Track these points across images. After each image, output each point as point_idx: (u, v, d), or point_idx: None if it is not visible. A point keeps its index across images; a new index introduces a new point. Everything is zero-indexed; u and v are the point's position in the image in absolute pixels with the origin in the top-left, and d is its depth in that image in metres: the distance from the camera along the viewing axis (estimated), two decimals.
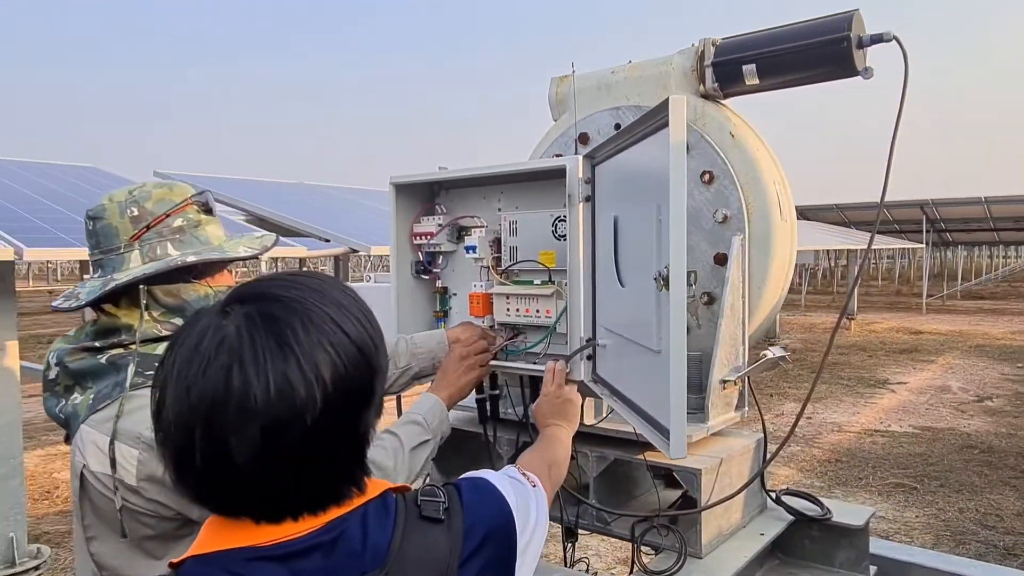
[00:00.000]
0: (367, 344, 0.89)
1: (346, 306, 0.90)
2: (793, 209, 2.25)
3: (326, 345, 0.84)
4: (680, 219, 1.05)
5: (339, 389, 0.84)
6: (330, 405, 0.83)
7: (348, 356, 0.85)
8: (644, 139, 1.27)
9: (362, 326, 0.90)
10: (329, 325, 0.85)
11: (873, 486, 6.30)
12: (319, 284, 0.91)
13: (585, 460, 2.05)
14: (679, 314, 1.07)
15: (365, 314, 0.93)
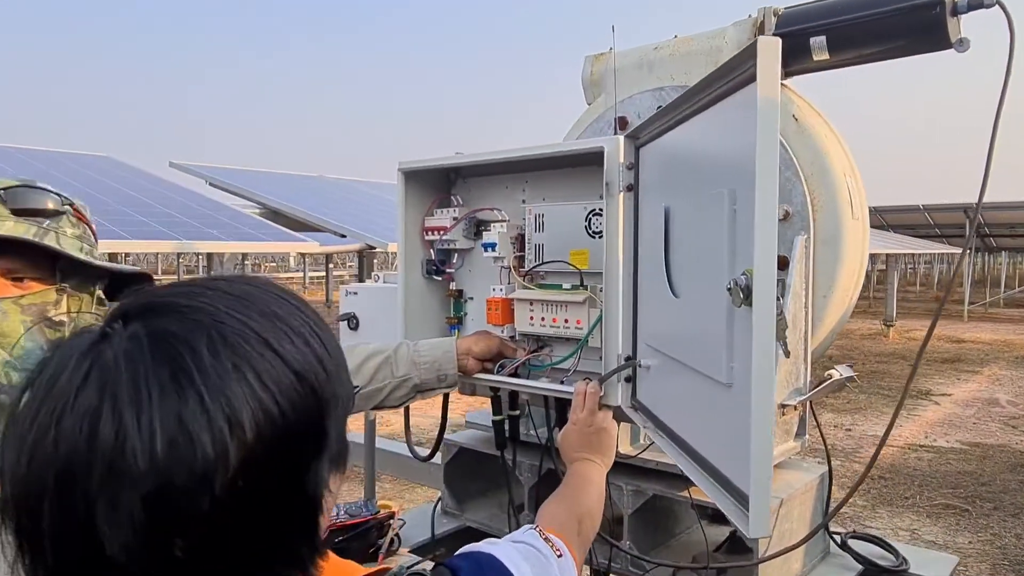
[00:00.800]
0: (312, 369, 0.63)
1: (282, 317, 0.64)
2: (866, 206, 1.94)
3: (247, 374, 0.58)
4: (770, 207, 0.77)
5: (268, 437, 0.58)
6: (253, 461, 0.57)
7: (282, 388, 0.60)
8: (712, 105, 0.98)
9: (306, 345, 0.64)
10: (253, 345, 0.60)
11: (920, 506, 5.92)
12: (244, 288, 0.65)
13: (619, 494, 1.77)
14: (766, 339, 0.78)
15: (313, 328, 0.67)
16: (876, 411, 9.07)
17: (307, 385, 0.62)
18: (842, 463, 6.95)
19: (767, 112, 0.77)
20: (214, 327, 0.59)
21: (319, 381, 0.63)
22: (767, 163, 0.77)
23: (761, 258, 0.78)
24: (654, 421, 1.31)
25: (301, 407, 0.61)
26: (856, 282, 1.90)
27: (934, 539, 5.24)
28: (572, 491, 1.26)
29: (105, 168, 4.72)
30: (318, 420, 0.63)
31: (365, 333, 2.16)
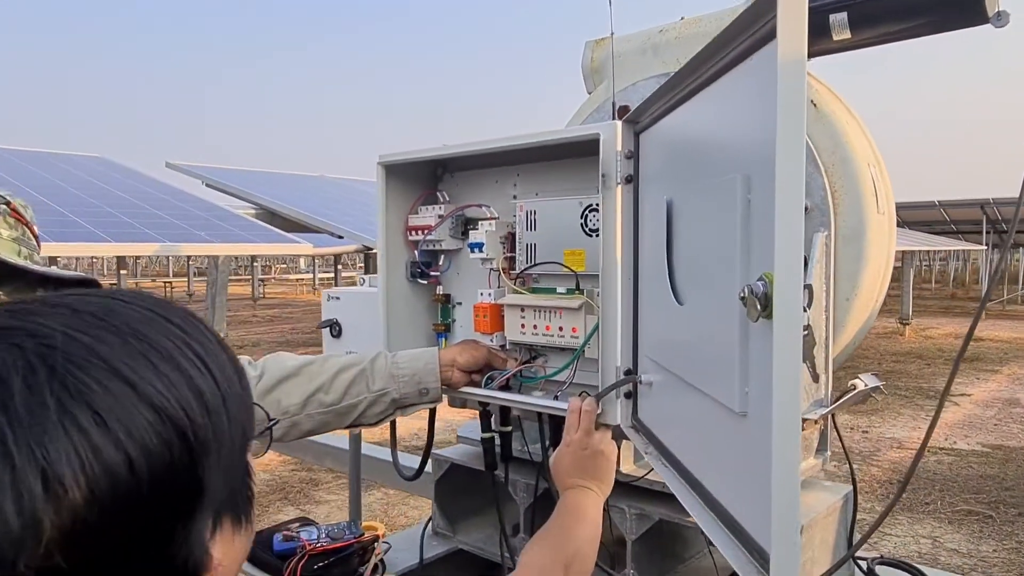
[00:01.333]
0: (181, 405, 0.48)
1: (147, 338, 0.49)
2: (892, 199, 1.77)
3: (79, 414, 0.43)
4: (795, 194, 0.61)
5: (107, 497, 0.43)
6: (84, 532, 0.42)
7: (133, 431, 0.45)
8: (721, 76, 0.81)
9: (178, 372, 0.50)
10: (93, 375, 0.45)
11: (942, 512, 5.72)
12: (100, 304, 0.50)
13: (621, 517, 1.61)
14: (790, 360, 0.62)
15: (195, 351, 0.52)
16: (893, 412, 8.86)
17: (173, 426, 0.47)
18: (859, 467, 6.75)
19: (792, 74, 0.61)
20: (38, 352, 0.44)
21: (192, 419, 0.49)
22: (791, 138, 0.61)
23: (785, 259, 0.62)
24: (656, 445, 1.15)
25: (161, 454, 0.46)
26: (882, 283, 1.73)
27: (956, 547, 5.04)
28: (560, 529, 1.10)
29: (98, 169, 4.60)
30: (188, 469, 0.48)
31: (349, 340, 2.01)
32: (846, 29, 1.67)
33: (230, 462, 0.53)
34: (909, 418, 8.63)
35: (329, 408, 1.41)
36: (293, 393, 1.40)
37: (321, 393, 1.41)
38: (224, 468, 0.52)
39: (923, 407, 9.16)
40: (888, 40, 1.69)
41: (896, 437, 7.78)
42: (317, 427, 1.44)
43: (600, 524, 1.17)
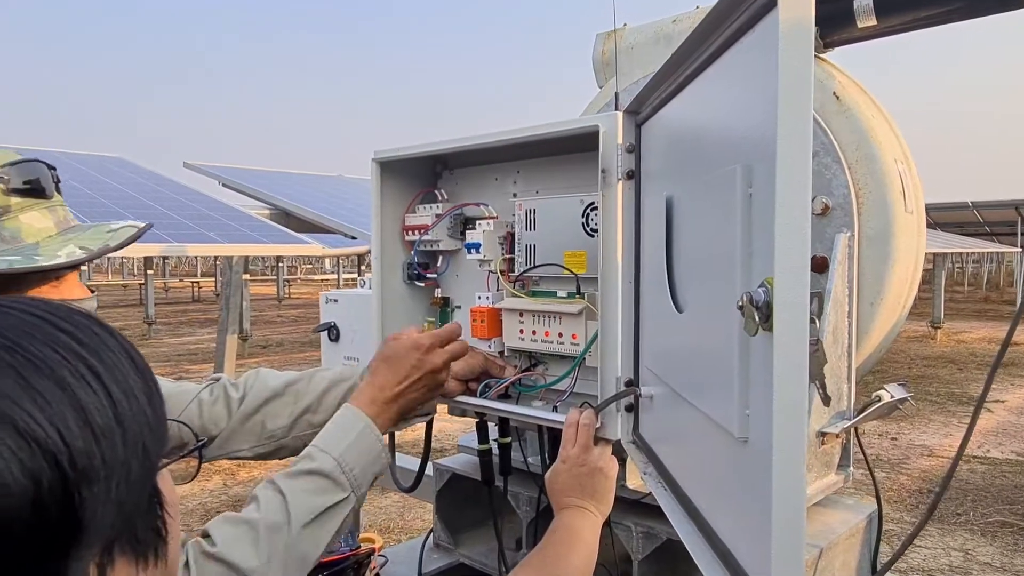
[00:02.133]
0: (57, 429, 0.41)
1: (25, 351, 0.42)
2: (921, 197, 1.66)
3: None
4: (799, 187, 0.51)
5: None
6: None
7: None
8: (720, 55, 0.72)
9: (60, 389, 0.42)
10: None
11: (974, 524, 5.52)
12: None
13: (627, 535, 1.51)
14: (792, 381, 0.52)
15: (86, 365, 0.45)
16: (924, 418, 8.62)
17: (41, 452, 0.40)
18: (887, 475, 6.57)
19: (795, 42, 0.51)
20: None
21: (69, 444, 0.41)
22: (795, 118, 0.51)
23: (787, 261, 0.53)
24: (656, 465, 1.05)
25: (23, 488, 0.39)
26: (910, 286, 1.62)
27: (989, 560, 4.85)
28: (551, 554, 1.01)
29: (113, 169, 4.59)
30: (60, 503, 0.40)
31: (346, 345, 1.93)
32: (872, 16, 1.57)
33: (126, 491, 0.45)
34: (940, 424, 8.39)
35: (318, 428, 1.28)
36: (280, 415, 1.30)
37: (309, 413, 1.31)
38: (117, 498, 0.44)
39: (955, 413, 8.90)
40: (917, 27, 1.58)
41: (927, 444, 7.56)
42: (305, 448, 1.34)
43: (596, 549, 1.08)
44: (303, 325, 16.28)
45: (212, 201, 4.10)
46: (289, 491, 1.02)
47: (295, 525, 1.00)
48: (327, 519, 1.04)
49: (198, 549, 0.93)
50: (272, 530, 0.98)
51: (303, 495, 1.03)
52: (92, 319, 0.49)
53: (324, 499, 1.04)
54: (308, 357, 11.77)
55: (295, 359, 11.66)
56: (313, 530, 1.02)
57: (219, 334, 4.45)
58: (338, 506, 1.05)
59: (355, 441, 1.11)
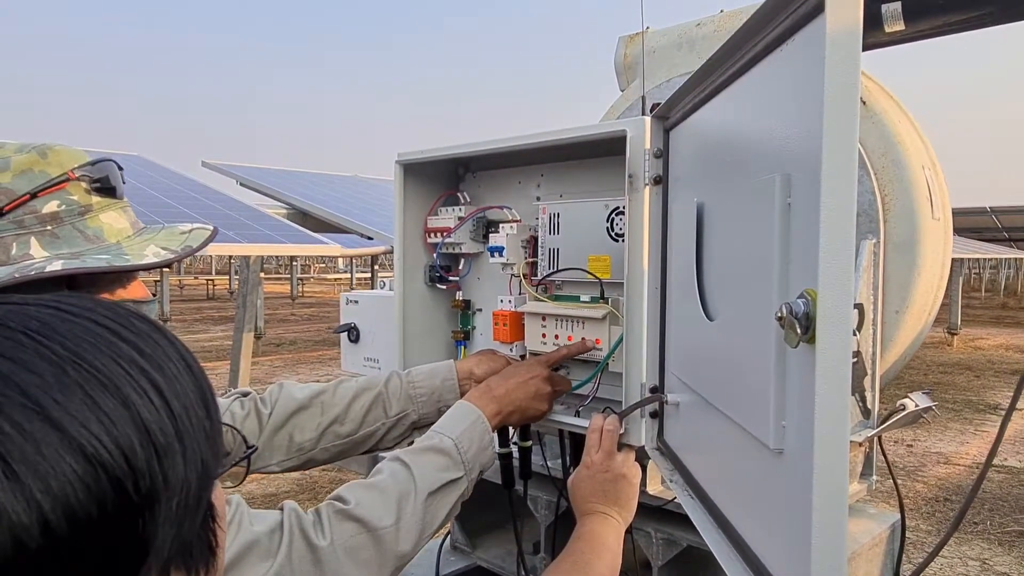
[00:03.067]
0: (122, 449, 0.40)
1: (88, 364, 0.41)
2: (948, 204, 1.64)
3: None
4: (846, 196, 0.50)
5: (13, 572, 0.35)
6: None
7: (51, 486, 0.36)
8: (759, 61, 0.71)
9: (124, 408, 0.41)
10: (12, 416, 0.37)
11: (991, 533, 5.46)
12: (38, 317, 0.42)
13: (647, 542, 1.50)
14: (836, 394, 0.52)
15: (148, 379, 0.43)
16: (940, 425, 8.54)
17: (107, 477, 0.38)
18: (903, 482, 6.51)
19: (843, 50, 0.50)
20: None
21: (134, 467, 0.40)
22: (842, 128, 0.50)
23: (832, 274, 0.52)
24: (682, 472, 1.05)
25: (88, 512, 0.37)
26: (936, 294, 1.61)
27: (1007, 570, 4.80)
28: (576, 561, 1.01)
29: (132, 168, 4.62)
30: (125, 527, 0.39)
31: (366, 346, 1.94)
32: (900, 20, 1.55)
33: (185, 509, 0.44)
34: (957, 432, 8.31)
35: (346, 439, 1.32)
36: (307, 427, 1.30)
37: (336, 424, 1.31)
38: (177, 518, 0.43)
39: (972, 421, 8.82)
40: (946, 32, 1.56)
41: (943, 452, 7.49)
42: (334, 458, 1.34)
43: (620, 555, 1.08)
44: (316, 324, 16.34)
45: (231, 200, 4.12)
46: (414, 464, 1.09)
47: (420, 494, 1.06)
48: (444, 495, 1.09)
49: (331, 509, 0.99)
50: (402, 496, 1.05)
51: (427, 468, 1.09)
52: (152, 325, 0.47)
53: (445, 475, 1.10)
54: (321, 356, 11.82)
55: (308, 358, 11.70)
56: (434, 502, 1.07)
57: (235, 332, 4.47)
58: (455, 484, 1.11)
59: (469, 427, 1.17)
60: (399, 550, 1.02)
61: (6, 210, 0.96)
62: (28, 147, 1.03)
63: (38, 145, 1.04)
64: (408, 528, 1.03)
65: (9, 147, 1.02)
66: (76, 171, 1.02)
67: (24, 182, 0.98)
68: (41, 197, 0.98)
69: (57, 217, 0.99)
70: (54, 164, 1.01)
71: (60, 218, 0.99)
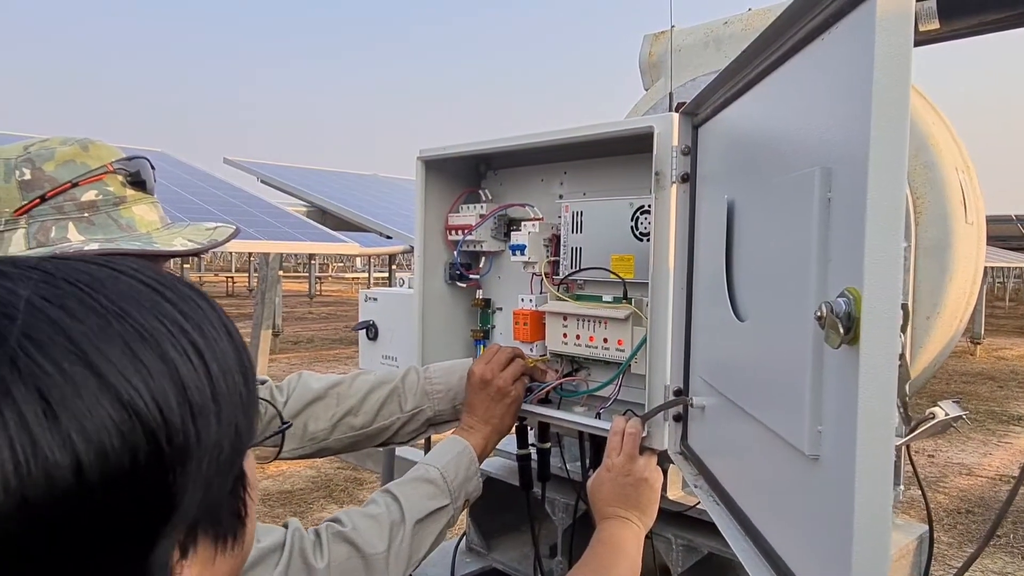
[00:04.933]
0: (157, 402, 0.39)
1: (130, 317, 0.41)
2: (982, 208, 1.60)
3: (21, 402, 0.35)
4: (893, 191, 0.48)
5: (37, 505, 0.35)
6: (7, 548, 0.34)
7: (88, 428, 0.36)
8: (797, 52, 0.68)
9: (162, 362, 0.41)
10: (50, 354, 0.37)
11: (1016, 547, 5.36)
12: (84, 271, 0.42)
13: (667, 548, 1.48)
14: (881, 398, 0.49)
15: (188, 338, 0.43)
16: (962, 436, 8.41)
17: (142, 426, 0.38)
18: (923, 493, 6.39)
19: (895, 35, 0.48)
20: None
21: (168, 421, 0.39)
22: (892, 119, 0.48)
23: (879, 272, 0.49)
24: (707, 478, 1.02)
25: (120, 460, 0.37)
26: (968, 300, 1.56)
27: None
28: (596, 569, 0.99)
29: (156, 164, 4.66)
30: (156, 481, 0.39)
31: (385, 343, 1.92)
32: (934, 19, 1.51)
33: (216, 472, 0.43)
34: (979, 443, 8.18)
35: (360, 431, 1.34)
36: (321, 417, 1.32)
37: (351, 416, 1.33)
38: (207, 479, 0.42)
39: (994, 432, 8.68)
40: (983, 31, 1.52)
41: (964, 463, 7.37)
42: (346, 449, 1.37)
43: (640, 562, 1.05)
44: (333, 323, 16.41)
45: (252, 198, 4.13)
46: (402, 495, 1.15)
47: (409, 522, 1.12)
48: (431, 522, 1.15)
49: (330, 531, 1.05)
50: (393, 524, 1.11)
51: (415, 498, 1.15)
52: (195, 290, 0.47)
53: (431, 503, 1.16)
54: (338, 354, 11.85)
55: (325, 356, 11.74)
56: (421, 529, 1.13)
57: (254, 328, 4.49)
58: (441, 512, 1.17)
59: (455, 458, 1.23)
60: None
61: (48, 196, 1.04)
62: (71, 140, 1.12)
63: (80, 139, 1.13)
64: (397, 555, 1.09)
65: (54, 140, 1.10)
66: (114, 164, 1.09)
67: (66, 171, 1.05)
68: (81, 186, 1.05)
69: (94, 205, 1.06)
70: (94, 157, 1.08)
71: (97, 207, 1.06)
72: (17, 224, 1.01)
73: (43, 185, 1.02)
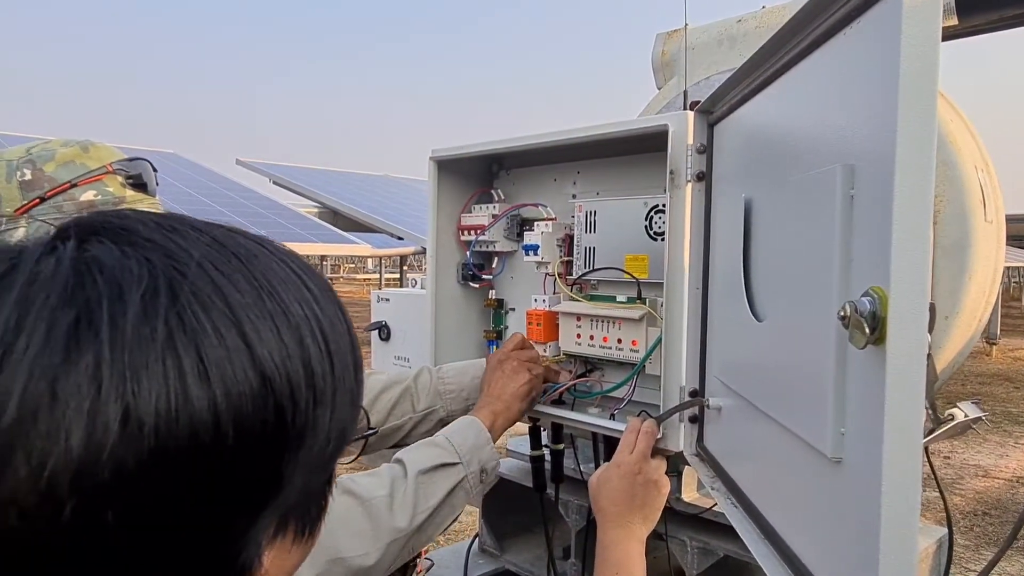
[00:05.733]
0: (289, 381, 0.41)
1: (279, 296, 0.43)
2: (1002, 207, 1.58)
3: (184, 355, 0.37)
4: (922, 187, 0.47)
5: (180, 459, 0.37)
6: (145, 491, 0.36)
7: (232, 392, 0.38)
8: (818, 47, 0.67)
9: (298, 344, 0.43)
10: (213, 318, 0.39)
11: None
12: (244, 244, 0.44)
13: (682, 551, 1.46)
14: (908, 399, 0.48)
15: (320, 324, 0.45)
16: (979, 437, 8.33)
17: (272, 401, 0.40)
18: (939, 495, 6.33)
19: (922, 25, 0.47)
20: (167, 275, 0.38)
21: (296, 402, 0.41)
22: (920, 113, 0.47)
23: (907, 270, 0.48)
24: (724, 480, 1.01)
25: (249, 429, 0.39)
26: (987, 300, 1.54)
27: None
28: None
29: (168, 165, 4.68)
30: (273, 456, 0.40)
31: (397, 344, 1.92)
32: (952, 15, 1.49)
33: (319, 462, 0.45)
34: (996, 444, 8.09)
35: (371, 428, 1.32)
36: None
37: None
38: (310, 468, 0.44)
39: (1011, 433, 8.59)
40: (1001, 27, 1.50)
41: (981, 464, 7.29)
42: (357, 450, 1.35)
43: (644, 570, 1.04)
44: None
45: (263, 199, 4.14)
46: (406, 456, 1.14)
47: (411, 473, 1.10)
48: (439, 476, 1.12)
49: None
50: (395, 478, 1.10)
51: (418, 454, 1.14)
52: (328, 285, 0.48)
53: (437, 456, 1.14)
54: None
55: None
56: (426, 480, 1.10)
57: None
58: (449, 468, 1.13)
59: (461, 427, 1.21)
60: (393, 523, 1.05)
61: (48, 196, 1.06)
62: (72, 142, 1.12)
63: (81, 141, 1.14)
64: (401, 502, 1.06)
65: (56, 142, 1.13)
66: (113, 165, 1.09)
67: (66, 172, 1.06)
68: (80, 186, 1.07)
69: (92, 205, 1.07)
70: (94, 158, 1.10)
71: (95, 206, 1.07)
72: (17, 223, 1.03)
73: (43, 185, 1.04)
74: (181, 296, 0.38)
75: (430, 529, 1.11)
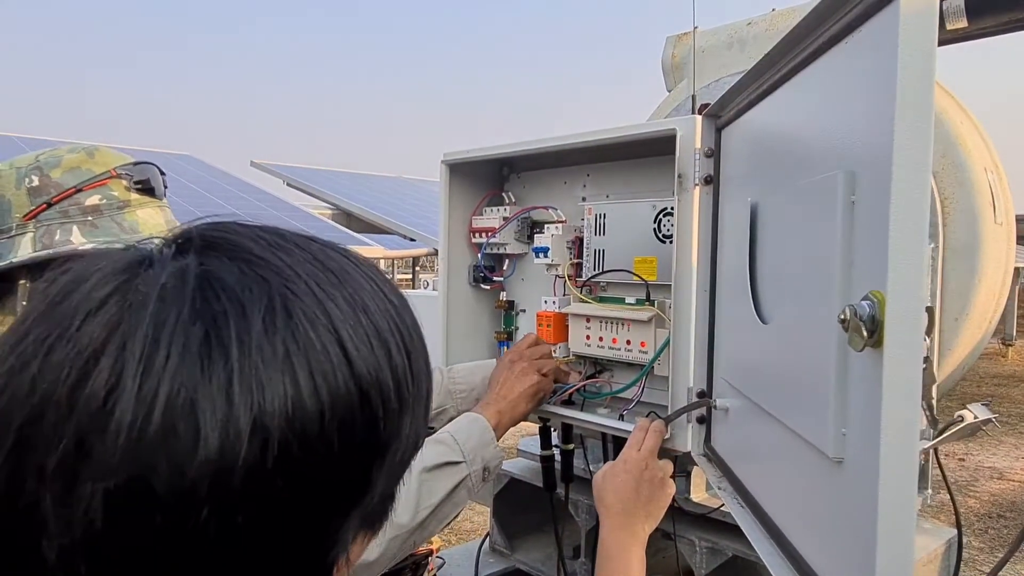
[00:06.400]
0: (382, 391, 0.45)
1: (371, 313, 0.46)
2: (1012, 209, 1.58)
3: (299, 370, 0.41)
4: (919, 192, 0.48)
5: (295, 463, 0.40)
6: (260, 495, 0.39)
7: (337, 402, 0.42)
8: (821, 55, 0.69)
9: (388, 358, 0.46)
10: (321, 334, 0.42)
11: None
12: (339, 262, 0.47)
13: (690, 551, 1.47)
14: (905, 401, 0.49)
15: (404, 338, 0.48)
16: (994, 439, 8.26)
17: (368, 410, 0.43)
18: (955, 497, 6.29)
19: (918, 36, 0.48)
20: (281, 294, 0.42)
21: (387, 408, 0.44)
22: (915, 120, 0.48)
23: (902, 275, 0.50)
24: (731, 480, 1.02)
25: (350, 437, 0.42)
26: (997, 302, 1.54)
27: None
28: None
29: (183, 167, 4.73)
30: (364, 462, 0.44)
31: None
32: (962, 17, 1.50)
33: (399, 466, 0.48)
34: (1011, 447, 8.02)
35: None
36: None
37: None
38: (392, 472, 0.47)
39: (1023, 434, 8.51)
40: (1013, 29, 1.50)
41: (996, 467, 7.24)
42: None
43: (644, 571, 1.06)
44: None
45: (277, 201, 4.18)
46: None
47: (416, 470, 1.10)
48: (443, 474, 1.13)
49: None
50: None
51: (423, 450, 1.11)
52: (403, 296, 0.51)
53: (442, 453, 1.14)
54: None
55: None
56: (429, 478, 1.11)
57: None
58: (453, 466, 1.14)
59: (466, 424, 1.22)
60: (395, 519, 1.05)
61: (54, 201, 1.08)
62: (78, 148, 1.15)
63: (87, 146, 1.16)
64: (404, 499, 1.06)
65: (63, 148, 1.16)
66: (118, 170, 1.11)
67: (71, 177, 1.09)
68: (85, 191, 1.09)
69: (97, 209, 1.09)
70: (99, 163, 1.12)
71: (100, 210, 1.09)
72: (26, 228, 1.06)
73: (50, 191, 1.07)
74: (294, 315, 0.41)
75: (432, 525, 1.12)
